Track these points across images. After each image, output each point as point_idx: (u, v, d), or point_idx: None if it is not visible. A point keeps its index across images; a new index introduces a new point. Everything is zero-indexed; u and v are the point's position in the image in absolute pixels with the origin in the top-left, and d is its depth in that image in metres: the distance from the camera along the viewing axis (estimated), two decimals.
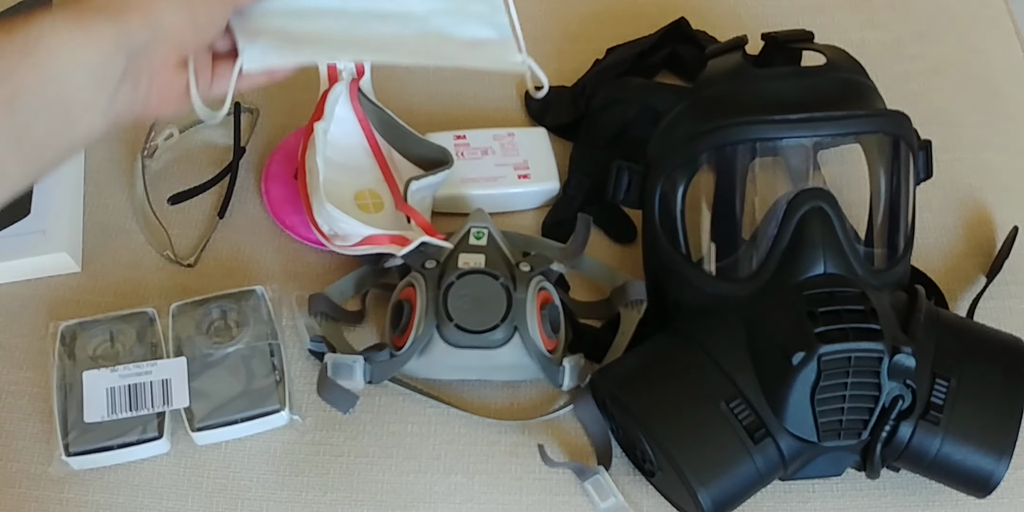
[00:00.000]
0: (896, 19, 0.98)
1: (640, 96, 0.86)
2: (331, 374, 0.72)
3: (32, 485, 0.72)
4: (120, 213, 0.85)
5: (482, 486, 0.72)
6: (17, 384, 0.76)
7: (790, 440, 0.65)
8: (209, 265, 0.82)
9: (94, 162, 0.87)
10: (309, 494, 0.72)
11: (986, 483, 0.66)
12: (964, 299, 0.81)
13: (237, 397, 0.72)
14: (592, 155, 0.86)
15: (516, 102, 0.92)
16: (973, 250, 0.84)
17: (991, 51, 0.97)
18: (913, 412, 0.65)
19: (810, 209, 0.67)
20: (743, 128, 0.68)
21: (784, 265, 0.67)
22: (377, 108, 0.81)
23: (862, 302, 0.64)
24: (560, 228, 0.83)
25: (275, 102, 0.91)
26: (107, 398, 0.71)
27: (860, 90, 0.71)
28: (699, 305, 0.71)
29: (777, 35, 0.78)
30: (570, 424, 0.75)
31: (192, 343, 0.74)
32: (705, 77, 0.73)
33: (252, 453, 0.73)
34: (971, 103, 0.93)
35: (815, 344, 0.63)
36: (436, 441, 0.74)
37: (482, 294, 0.71)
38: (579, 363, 0.73)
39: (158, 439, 0.71)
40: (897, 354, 0.63)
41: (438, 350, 0.71)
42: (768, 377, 0.65)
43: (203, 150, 0.88)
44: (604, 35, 0.96)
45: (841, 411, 0.64)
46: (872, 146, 0.73)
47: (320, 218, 0.74)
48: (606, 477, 0.71)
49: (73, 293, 0.80)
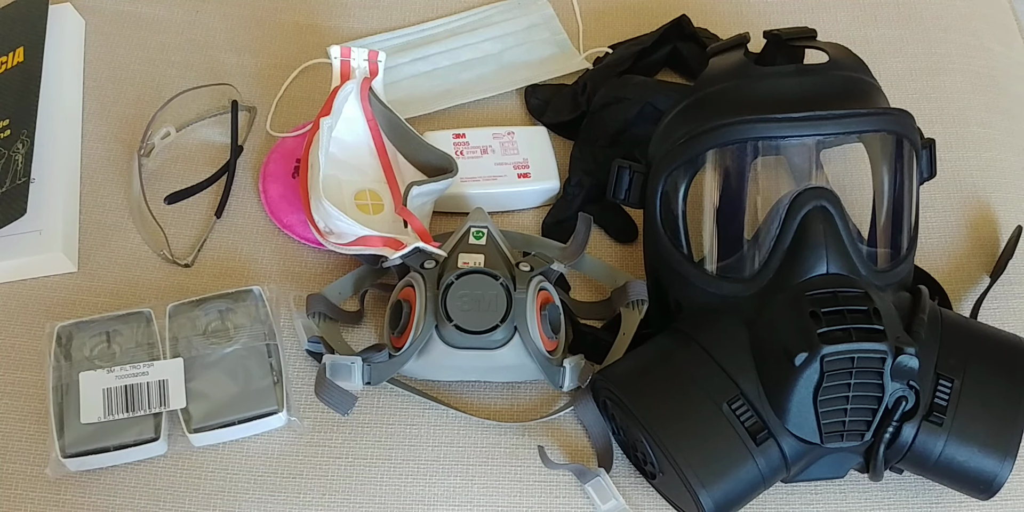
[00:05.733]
0: (899, 16, 0.98)
1: (641, 94, 0.86)
2: (329, 375, 0.71)
3: (28, 487, 0.71)
4: (117, 213, 0.84)
5: (482, 488, 0.72)
6: (13, 385, 0.75)
7: (792, 441, 0.65)
8: (206, 265, 0.82)
9: (90, 161, 0.87)
10: (307, 496, 0.71)
11: (990, 485, 0.65)
12: (968, 299, 0.80)
13: (234, 398, 0.72)
14: (593, 154, 0.85)
15: (516, 100, 0.91)
16: (977, 250, 0.83)
17: (995, 49, 0.97)
18: (916, 413, 0.65)
19: (813, 208, 0.66)
20: (745, 127, 0.68)
21: (786, 265, 0.67)
22: (386, 109, 0.81)
23: (865, 302, 0.64)
24: (560, 228, 0.83)
25: (272, 101, 0.91)
26: (104, 399, 0.71)
27: (863, 88, 0.70)
28: (701, 305, 0.71)
29: (779, 33, 0.77)
30: (570, 426, 0.74)
31: (189, 344, 0.74)
32: (707, 75, 0.72)
33: (250, 455, 0.73)
34: (975, 101, 0.92)
35: (818, 345, 0.62)
36: (435, 443, 0.73)
37: (482, 294, 0.71)
38: (579, 364, 0.72)
39: (155, 441, 0.71)
40: (900, 355, 0.63)
41: (437, 351, 0.71)
42: (770, 378, 0.65)
43: (200, 149, 0.88)
44: (605, 33, 0.96)
45: (844, 412, 0.64)
46: (875, 145, 0.73)
47: (317, 214, 0.74)
48: (607, 479, 0.71)
49: (69, 293, 0.80)
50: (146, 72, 0.93)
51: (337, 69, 0.80)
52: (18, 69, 0.86)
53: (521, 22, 0.96)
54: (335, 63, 0.80)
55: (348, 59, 0.80)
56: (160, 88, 0.92)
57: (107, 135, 0.89)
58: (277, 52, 0.94)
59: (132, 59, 0.93)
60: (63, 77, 0.89)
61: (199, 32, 0.95)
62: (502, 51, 0.93)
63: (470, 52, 0.93)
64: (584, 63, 0.93)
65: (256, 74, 0.93)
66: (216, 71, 0.93)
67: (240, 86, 0.92)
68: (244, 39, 0.95)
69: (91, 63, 0.93)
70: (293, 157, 0.85)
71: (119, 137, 0.88)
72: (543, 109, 0.90)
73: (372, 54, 0.80)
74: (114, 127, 0.89)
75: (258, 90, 0.92)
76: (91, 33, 0.95)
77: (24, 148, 0.80)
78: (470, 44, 0.94)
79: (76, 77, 0.91)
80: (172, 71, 0.93)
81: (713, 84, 0.71)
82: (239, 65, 0.93)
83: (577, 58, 0.93)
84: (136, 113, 0.90)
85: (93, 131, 0.89)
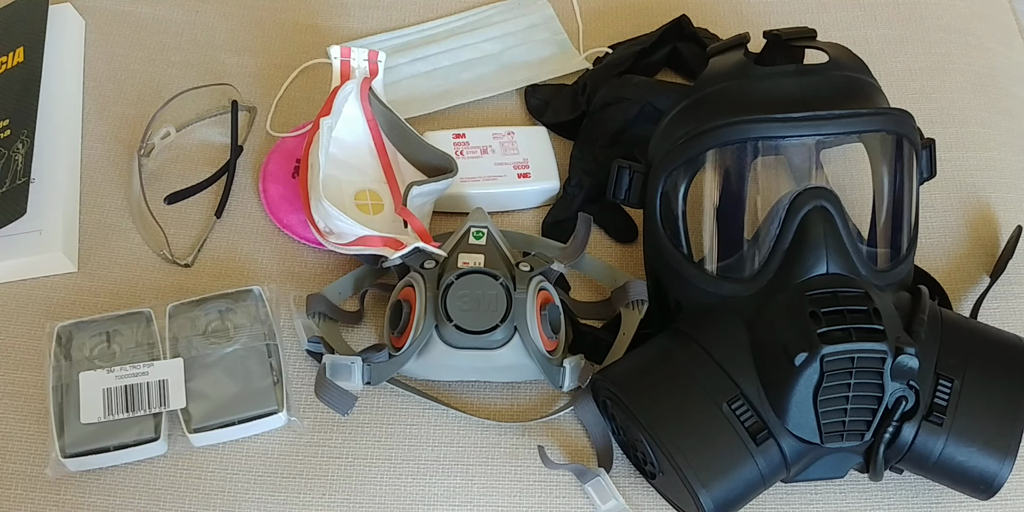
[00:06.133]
0: (899, 16, 0.98)
1: (641, 94, 0.86)
2: (329, 375, 0.71)
3: (28, 487, 0.71)
4: (116, 213, 0.84)
5: (482, 488, 0.72)
6: (13, 385, 0.75)
7: (792, 441, 0.65)
8: (206, 265, 0.82)
9: (90, 161, 0.87)
10: (307, 496, 0.71)
11: (990, 485, 0.65)
12: (968, 299, 0.80)
13: (234, 398, 0.72)
14: (593, 154, 0.85)
15: (516, 100, 0.91)
16: (977, 250, 0.83)
17: (995, 49, 0.97)
18: (916, 413, 0.65)
19: (813, 208, 0.66)
20: (745, 127, 0.68)
21: (786, 265, 0.67)
22: (386, 109, 0.81)
23: (865, 302, 0.64)
24: (560, 227, 0.83)
25: (272, 101, 0.91)
26: (103, 399, 0.71)
27: (863, 88, 0.70)
28: (701, 305, 0.71)
29: (779, 33, 0.77)
30: (570, 426, 0.74)
31: (189, 344, 0.74)
32: (706, 75, 0.72)
33: (250, 455, 0.73)
34: (975, 101, 0.92)
35: (818, 345, 0.62)
36: (435, 443, 0.73)
37: (482, 294, 0.71)
38: (579, 364, 0.72)
39: (155, 441, 0.71)
40: (900, 355, 0.63)
41: (437, 351, 0.71)
42: (770, 378, 0.65)
43: (200, 149, 0.88)
44: (605, 33, 0.96)
45: (844, 412, 0.64)
46: (875, 145, 0.73)
47: (317, 214, 0.74)
48: (607, 479, 0.71)
49: (69, 293, 0.80)
50: (146, 72, 0.93)
51: (337, 69, 0.80)
52: (18, 69, 0.86)
53: (521, 22, 0.96)
54: (335, 63, 0.80)
55: (348, 59, 0.80)
56: (160, 88, 0.92)
57: (107, 135, 0.89)
58: (277, 52, 0.94)
59: (132, 59, 0.93)
60: (63, 77, 0.89)
61: (199, 32, 0.95)
62: (502, 51, 0.93)
63: (470, 52, 0.93)
64: (584, 63, 0.93)
65: (256, 74, 0.93)
66: (216, 71, 0.93)
67: (240, 86, 0.92)
68: (244, 39, 0.95)
69: (91, 63, 0.93)
70: (293, 157, 0.85)
71: (119, 137, 0.88)
72: (543, 109, 0.89)
73: (372, 54, 0.80)
74: (114, 127, 0.89)
75: (258, 90, 0.92)
76: (91, 33, 0.95)
77: (24, 148, 0.80)
78: (470, 44, 0.94)
79: (76, 77, 0.91)
80: (172, 71, 0.93)
81: (713, 84, 0.71)
82: (239, 65, 0.93)
83: (577, 58, 0.93)
84: (136, 113, 0.90)
85: (93, 131, 0.89)
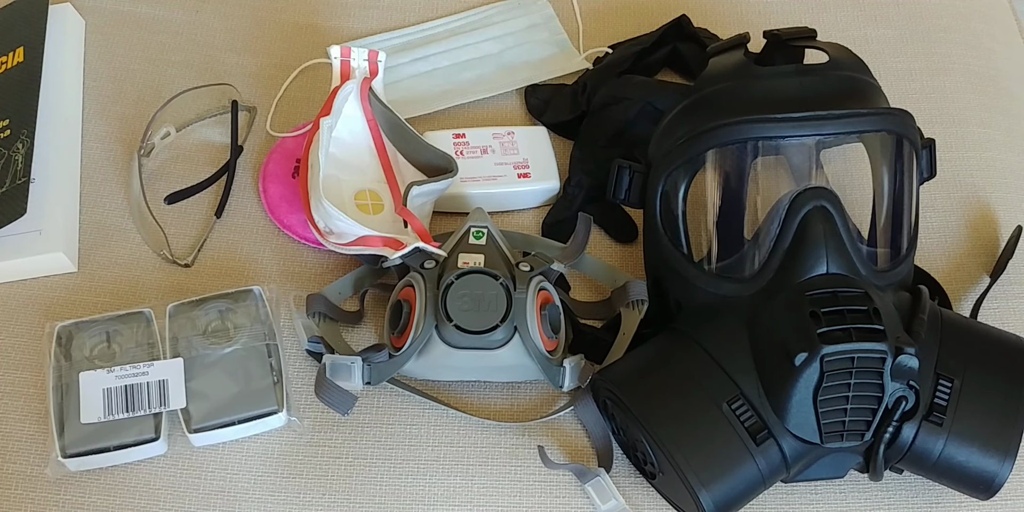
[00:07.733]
0: (899, 16, 0.98)
1: (641, 94, 0.86)
2: (329, 375, 0.71)
3: (28, 487, 0.71)
4: (117, 213, 0.84)
5: (482, 488, 0.72)
6: (13, 385, 0.75)
7: (792, 441, 0.65)
8: (206, 265, 0.82)
9: (90, 161, 0.87)
10: (307, 496, 0.71)
11: (990, 485, 0.65)
12: (968, 299, 0.80)
13: (234, 398, 0.72)
14: (593, 154, 0.85)
15: (516, 100, 0.91)
16: (977, 250, 0.83)
17: (995, 49, 0.97)
18: (916, 413, 0.65)
19: (813, 208, 0.66)
20: (745, 127, 0.68)
21: (786, 265, 0.67)
22: (386, 109, 0.81)
23: (865, 302, 0.64)
24: (560, 228, 0.83)
25: (272, 101, 0.91)
26: (103, 399, 0.71)
27: (863, 88, 0.70)
28: (701, 305, 0.71)
29: (779, 33, 0.77)
30: (570, 426, 0.74)
31: (189, 344, 0.74)
32: (706, 75, 0.72)
33: (250, 455, 0.73)
34: (975, 101, 0.92)
35: (818, 345, 0.62)
36: (435, 443, 0.73)
37: (482, 294, 0.71)
38: (579, 364, 0.72)
39: (155, 441, 0.71)
40: (900, 355, 0.63)
41: (437, 351, 0.71)
42: (770, 378, 0.65)
43: (200, 149, 0.88)
44: (605, 33, 0.96)
45: (844, 412, 0.64)
46: (875, 145, 0.73)
47: (317, 214, 0.74)
48: (607, 479, 0.71)
49: (69, 293, 0.80)
50: (146, 72, 0.93)
51: (337, 69, 0.80)
52: (18, 69, 0.86)
53: (521, 22, 0.96)
54: (335, 63, 0.80)
55: (348, 59, 0.80)
56: (160, 88, 0.92)
57: (107, 135, 0.89)
58: (277, 52, 0.94)
59: (132, 59, 0.93)
60: (63, 77, 0.89)
61: (199, 32, 0.95)
62: (502, 51, 0.93)
63: (470, 52, 0.93)
64: (584, 63, 0.93)
65: (256, 74, 0.93)
66: (216, 71, 0.93)
67: (240, 86, 0.92)
68: (244, 39, 0.95)
69: (91, 63, 0.93)
70: (293, 157, 0.85)
71: (119, 137, 0.88)
72: (543, 109, 0.89)
73: (372, 54, 0.80)
74: (114, 127, 0.89)
75: (258, 90, 0.92)
76: (91, 33, 0.95)
77: (24, 148, 0.80)
78: (470, 44, 0.94)
79: (76, 77, 0.91)
80: (172, 71, 0.93)
81: (713, 84, 0.71)
82: (239, 65, 0.93)
83: (577, 58, 0.93)
84: (136, 113, 0.90)
85: (93, 131, 0.89)
